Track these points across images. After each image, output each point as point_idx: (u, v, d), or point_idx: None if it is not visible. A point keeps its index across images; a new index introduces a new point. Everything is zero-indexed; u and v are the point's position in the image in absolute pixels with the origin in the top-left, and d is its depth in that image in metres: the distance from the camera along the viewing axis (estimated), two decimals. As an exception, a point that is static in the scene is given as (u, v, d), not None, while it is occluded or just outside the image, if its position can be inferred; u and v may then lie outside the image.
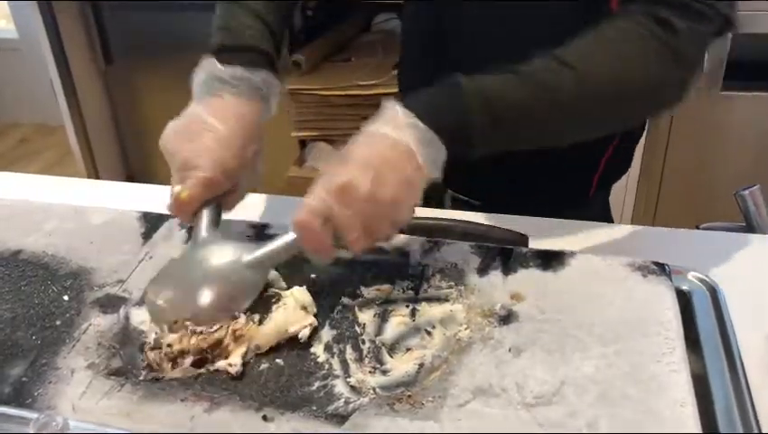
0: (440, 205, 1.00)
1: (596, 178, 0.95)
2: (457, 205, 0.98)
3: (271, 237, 0.70)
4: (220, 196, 0.73)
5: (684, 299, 0.72)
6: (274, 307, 0.65)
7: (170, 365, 0.61)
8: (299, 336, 0.64)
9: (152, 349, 0.63)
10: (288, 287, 0.68)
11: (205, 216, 0.72)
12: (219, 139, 0.71)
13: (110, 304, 0.70)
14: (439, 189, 0.98)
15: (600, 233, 0.86)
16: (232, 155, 0.72)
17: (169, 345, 0.62)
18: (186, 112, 0.75)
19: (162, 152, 0.74)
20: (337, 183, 0.61)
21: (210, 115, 0.73)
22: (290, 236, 0.66)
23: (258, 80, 0.76)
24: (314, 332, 0.65)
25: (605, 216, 1.04)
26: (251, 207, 0.80)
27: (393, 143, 0.63)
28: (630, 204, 2.05)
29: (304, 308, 0.66)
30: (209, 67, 0.76)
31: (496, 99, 0.65)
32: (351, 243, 0.63)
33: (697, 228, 0.90)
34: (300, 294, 0.67)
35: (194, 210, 0.72)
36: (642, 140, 1.92)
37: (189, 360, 0.61)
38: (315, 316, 0.66)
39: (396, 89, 1.10)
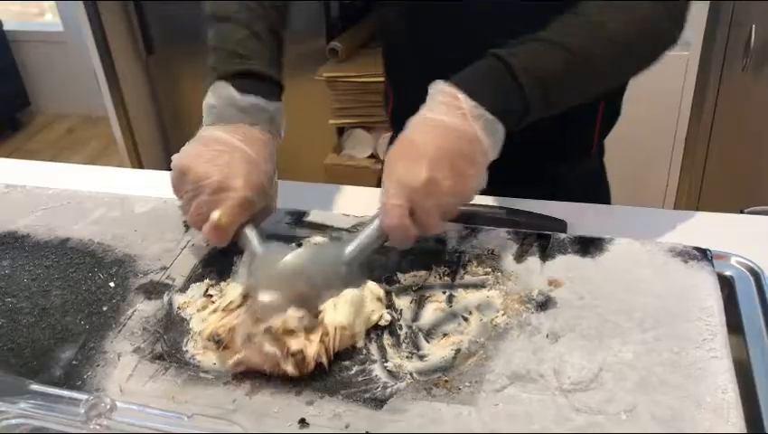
0: None
1: (596, 132, 0.97)
2: None
3: (318, 226, 0.73)
4: (253, 216, 0.73)
5: (727, 285, 0.71)
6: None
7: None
8: (380, 322, 0.66)
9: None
10: None
11: (253, 235, 0.72)
12: (249, 161, 0.72)
13: (154, 290, 0.72)
14: None
15: (641, 219, 0.85)
16: (263, 175, 0.72)
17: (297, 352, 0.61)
18: (204, 136, 0.74)
19: (175, 176, 0.73)
20: (420, 180, 0.64)
21: (236, 139, 0.73)
22: (374, 229, 0.68)
23: (274, 109, 0.77)
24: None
25: (603, 175, 1.06)
26: (290, 195, 0.81)
27: (462, 134, 0.65)
28: (673, 189, 2.01)
29: (380, 299, 0.67)
30: (224, 93, 0.76)
31: (548, 77, 0.68)
32: (430, 229, 0.67)
33: (742, 212, 0.88)
34: (374, 287, 0.68)
35: (232, 234, 0.71)
36: (686, 123, 1.90)
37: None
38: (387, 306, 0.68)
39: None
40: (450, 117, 0.65)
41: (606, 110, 0.95)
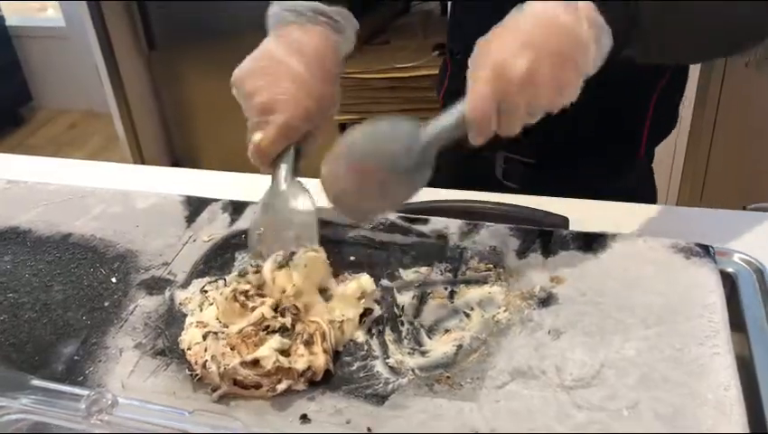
0: (491, 166, 0.98)
1: (645, 134, 0.92)
2: (510, 165, 0.96)
3: (319, 221, 0.70)
4: (299, 140, 0.71)
5: (729, 281, 0.71)
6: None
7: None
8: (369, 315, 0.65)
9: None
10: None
11: (284, 168, 0.70)
12: (295, 78, 0.68)
13: (156, 286, 0.72)
14: (493, 148, 0.93)
15: (643, 215, 0.84)
16: (311, 98, 0.69)
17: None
18: (262, 48, 0.72)
19: (235, 92, 0.72)
20: (520, 71, 0.57)
21: (287, 54, 0.70)
22: (456, 116, 0.60)
23: (335, 10, 0.73)
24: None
25: (651, 183, 1.03)
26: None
27: (574, 35, 0.58)
28: (676, 185, 2.01)
29: (362, 297, 0.65)
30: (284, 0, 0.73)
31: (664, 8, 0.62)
32: (509, 131, 0.60)
33: (745, 208, 0.88)
34: (366, 282, 0.67)
35: (273, 157, 0.70)
36: (689, 119, 1.89)
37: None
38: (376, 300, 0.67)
39: (434, 71, 1.09)
40: (565, 15, 0.58)
41: (655, 117, 0.91)
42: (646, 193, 1.03)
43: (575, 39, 0.59)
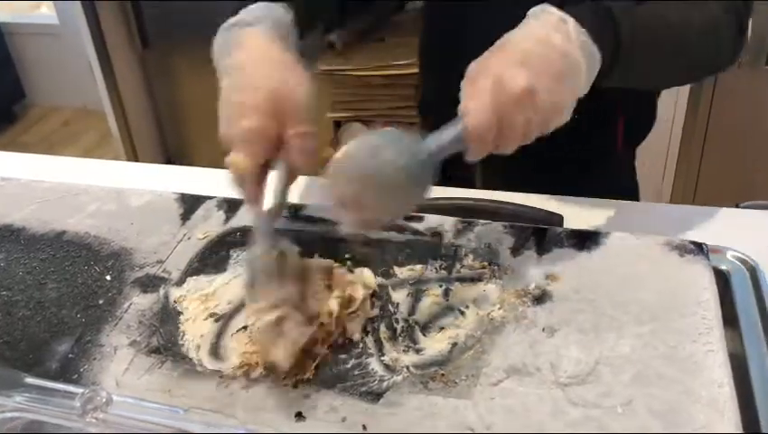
0: (471, 181, 0.99)
1: (620, 128, 0.94)
2: (487, 178, 0.97)
3: (315, 219, 0.72)
4: (277, 150, 0.63)
5: (723, 279, 0.71)
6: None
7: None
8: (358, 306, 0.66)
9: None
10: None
11: (276, 177, 0.62)
12: (252, 78, 0.63)
13: (150, 283, 0.72)
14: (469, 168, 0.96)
15: (637, 213, 0.85)
16: (266, 88, 0.62)
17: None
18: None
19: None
20: (518, 87, 0.58)
21: (238, 59, 0.65)
22: (455, 132, 0.60)
23: (280, 11, 0.70)
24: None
25: (632, 181, 1.04)
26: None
27: (567, 56, 0.61)
28: (669, 182, 2.01)
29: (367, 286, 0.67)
30: (225, 26, 0.70)
31: (641, 27, 0.66)
32: (506, 147, 0.61)
33: (738, 206, 0.88)
34: (368, 276, 0.68)
35: (253, 176, 0.61)
36: (682, 118, 1.90)
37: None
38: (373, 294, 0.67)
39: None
40: (560, 38, 0.61)
41: (627, 109, 0.92)
42: (626, 190, 1.03)
43: (569, 61, 0.61)
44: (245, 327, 0.65)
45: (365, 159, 0.59)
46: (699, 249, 0.70)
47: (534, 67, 0.59)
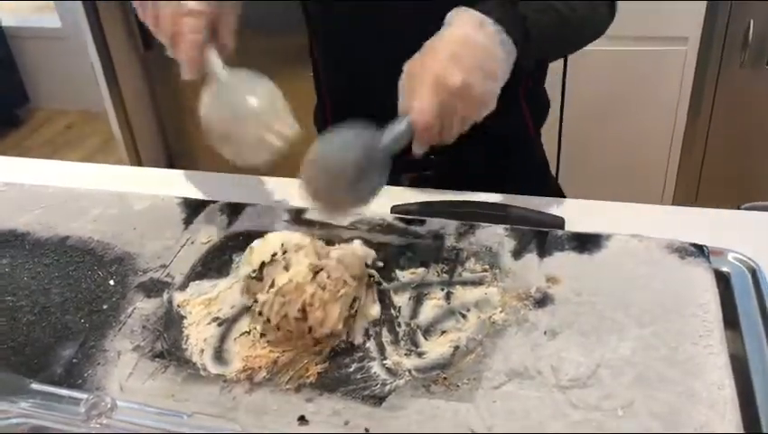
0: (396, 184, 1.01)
1: (529, 121, 1.02)
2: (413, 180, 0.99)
3: (316, 223, 0.75)
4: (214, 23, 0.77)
5: (724, 281, 0.71)
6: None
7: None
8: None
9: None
10: None
11: (214, 55, 0.76)
12: None
13: (154, 288, 0.72)
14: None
15: (638, 215, 0.85)
16: None
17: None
18: None
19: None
20: (457, 82, 0.66)
21: None
22: (404, 126, 0.67)
23: None
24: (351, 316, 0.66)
25: (543, 157, 1.11)
26: (286, 192, 0.81)
27: (490, 52, 0.69)
28: (671, 184, 2.01)
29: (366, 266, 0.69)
30: None
31: (534, 21, 0.74)
32: (447, 138, 0.69)
33: (739, 208, 0.88)
34: (358, 248, 0.71)
35: (197, 52, 0.79)
36: (683, 119, 1.90)
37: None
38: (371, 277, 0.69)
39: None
40: (480, 36, 0.68)
41: (530, 99, 1.00)
42: (541, 163, 1.10)
43: (492, 56, 0.69)
44: (248, 331, 0.65)
45: (333, 154, 0.68)
46: (700, 251, 0.71)
47: (465, 64, 0.67)
